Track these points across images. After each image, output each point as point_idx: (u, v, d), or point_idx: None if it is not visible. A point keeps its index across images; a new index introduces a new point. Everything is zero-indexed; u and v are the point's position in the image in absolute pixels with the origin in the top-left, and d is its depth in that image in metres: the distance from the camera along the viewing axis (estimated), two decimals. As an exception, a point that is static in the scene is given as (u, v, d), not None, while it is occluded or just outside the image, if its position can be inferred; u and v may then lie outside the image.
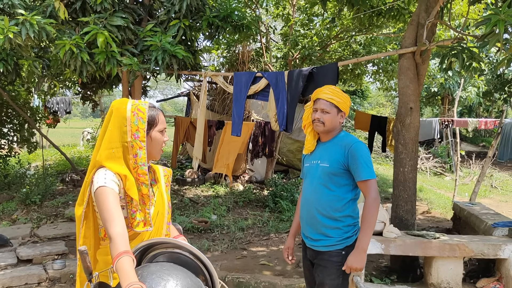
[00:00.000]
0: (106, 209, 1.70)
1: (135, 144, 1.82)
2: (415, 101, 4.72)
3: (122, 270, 1.51)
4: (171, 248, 1.75)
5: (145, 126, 1.83)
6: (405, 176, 4.78)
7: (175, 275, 1.56)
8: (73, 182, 8.75)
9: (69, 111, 13.47)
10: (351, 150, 2.53)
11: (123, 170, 1.81)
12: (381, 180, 11.46)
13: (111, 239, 1.63)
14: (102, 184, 1.74)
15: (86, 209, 1.85)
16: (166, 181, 2.08)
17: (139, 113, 1.83)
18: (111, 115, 1.85)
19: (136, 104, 1.85)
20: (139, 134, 1.82)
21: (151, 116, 1.88)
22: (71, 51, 4.62)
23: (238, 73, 5.48)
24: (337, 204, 2.58)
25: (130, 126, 1.81)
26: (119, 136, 1.81)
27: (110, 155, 1.81)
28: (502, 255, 4.19)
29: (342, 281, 2.58)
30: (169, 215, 2.05)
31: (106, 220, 1.68)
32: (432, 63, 12.71)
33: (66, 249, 5.30)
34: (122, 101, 1.87)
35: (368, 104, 26.07)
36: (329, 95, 2.58)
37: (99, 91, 8.16)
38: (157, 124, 1.91)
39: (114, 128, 1.82)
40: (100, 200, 1.72)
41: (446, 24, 5.00)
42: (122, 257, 1.54)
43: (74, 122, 33.94)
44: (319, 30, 8.76)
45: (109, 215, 1.68)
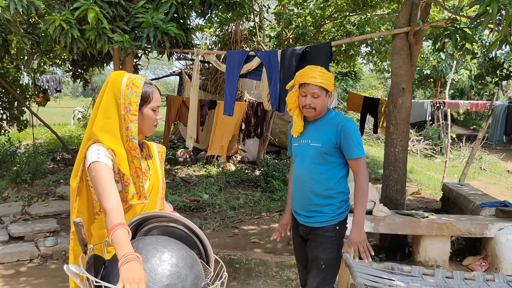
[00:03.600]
0: (100, 183, 1.70)
1: (127, 117, 1.81)
2: (408, 82, 4.73)
3: (118, 241, 1.52)
4: (166, 222, 1.76)
5: (137, 100, 1.82)
6: (395, 156, 4.83)
7: (170, 247, 1.57)
8: (64, 161, 8.71)
9: (60, 89, 13.33)
10: (344, 129, 2.54)
11: (115, 143, 1.80)
12: (372, 161, 11.54)
13: (106, 213, 1.64)
14: (95, 159, 1.74)
15: (79, 183, 1.85)
16: (160, 157, 2.09)
17: (133, 87, 1.82)
18: (107, 86, 1.84)
19: (132, 78, 1.84)
20: (131, 107, 1.81)
21: (145, 92, 1.86)
22: (61, 27, 4.52)
23: (231, 52, 5.43)
24: (330, 182, 2.61)
25: (123, 99, 1.80)
26: (114, 107, 1.81)
27: (106, 124, 1.80)
28: (488, 234, 4.28)
29: (336, 255, 2.64)
30: (163, 190, 2.06)
31: (100, 195, 1.69)
32: (425, 45, 12.70)
33: (58, 226, 5.32)
34: (119, 73, 1.86)
35: (361, 86, 26.04)
36: (317, 79, 2.54)
37: (90, 69, 8.06)
38: (150, 101, 1.89)
39: (109, 98, 1.82)
40: (93, 175, 1.73)
41: (440, 4, 4.98)
42: (117, 229, 1.55)
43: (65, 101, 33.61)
44: (313, 10, 8.68)
45: (103, 189, 1.69)
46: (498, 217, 4.62)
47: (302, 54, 4.88)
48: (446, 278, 2.81)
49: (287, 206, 2.97)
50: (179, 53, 7.07)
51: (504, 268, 4.21)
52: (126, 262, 1.43)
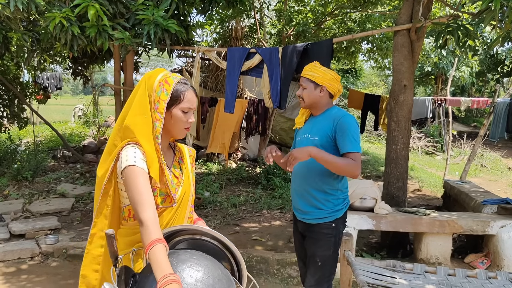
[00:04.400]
0: (136, 190, 1.59)
1: (154, 116, 1.72)
2: (409, 78, 4.71)
3: (156, 260, 1.42)
4: (196, 234, 1.67)
5: (166, 99, 1.71)
6: (397, 154, 4.81)
7: (205, 265, 1.50)
8: (65, 158, 8.71)
9: (60, 87, 13.31)
10: (340, 122, 2.53)
11: (149, 142, 1.70)
12: (373, 158, 11.53)
13: (142, 224, 1.53)
14: (132, 163, 1.63)
15: (106, 185, 1.72)
16: (191, 161, 1.98)
17: (165, 85, 1.72)
18: (142, 82, 1.76)
19: (166, 76, 1.75)
20: (159, 105, 1.71)
21: (176, 90, 1.74)
22: (61, 24, 4.51)
23: (231, 49, 5.42)
24: (328, 177, 2.60)
25: (154, 96, 1.71)
26: (148, 103, 1.72)
27: (143, 121, 1.70)
28: (490, 231, 4.27)
29: (332, 253, 2.63)
30: (193, 197, 1.97)
31: (137, 203, 1.58)
32: (427, 42, 12.67)
33: (59, 224, 5.31)
34: (157, 70, 1.78)
35: (362, 83, 26.00)
36: (306, 71, 2.65)
37: (91, 66, 8.04)
38: (181, 101, 1.75)
39: (144, 94, 1.73)
40: (129, 180, 1.61)
41: (441, 0, 4.95)
42: (155, 245, 1.45)
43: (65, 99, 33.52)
44: (314, 7, 8.65)
45: (140, 197, 1.58)
46: (500, 214, 4.61)
47: (303, 51, 4.87)
48: (448, 275, 2.80)
49: None
50: (180, 50, 7.04)
51: (506, 265, 4.20)
52: (165, 284, 1.34)
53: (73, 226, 5.43)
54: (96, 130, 11.49)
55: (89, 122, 14.44)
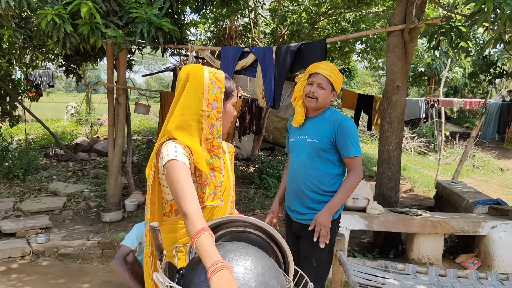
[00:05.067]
0: (178, 184, 1.58)
1: (212, 114, 1.71)
2: (402, 79, 4.73)
3: (204, 248, 1.38)
4: (239, 227, 1.63)
5: (222, 96, 1.73)
6: (389, 154, 4.83)
7: (253, 254, 1.45)
8: (57, 156, 8.64)
9: (52, 84, 13.19)
10: (341, 127, 2.55)
11: (191, 141, 1.69)
12: (366, 158, 11.57)
13: (186, 216, 1.51)
14: (173, 157, 1.62)
15: (152, 182, 1.73)
16: (230, 157, 1.98)
17: (217, 82, 1.72)
18: (188, 80, 1.71)
19: (213, 72, 1.74)
20: (217, 104, 1.71)
21: (228, 87, 1.78)
22: (53, 22, 4.47)
23: (225, 48, 5.40)
24: (325, 179, 2.60)
25: (208, 94, 1.70)
26: (194, 103, 1.70)
27: (182, 122, 1.69)
28: (481, 232, 4.30)
29: (327, 254, 2.63)
30: (233, 194, 1.96)
31: (179, 196, 1.56)
32: (420, 43, 12.72)
33: (50, 223, 5.28)
34: (198, 66, 1.74)
35: (355, 83, 26.07)
36: (328, 71, 2.59)
37: (83, 64, 7.98)
38: (232, 96, 1.81)
39: (190, 94, 1.70)
40: (171, 174, 1.61)
41: (435, 2, 4.98)
42: (201, 234, 1.42)
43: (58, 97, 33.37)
44: (308, 6, 8.65)
45: (182, 190, 1.57)
46: (491, 215, 4.64)
47: (297, 51, 4.87)
48: (439, 276, 2.81)
49: (277, 195, 2.96)
50: (173, 49, 7.02)
51: (497, 266, 4.23)
52: (216, 271, 1.28)
53: (65, 225, 5.40)
54: (89, 128, 11.42)
55: (81, 120, 14.35)
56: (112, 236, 4.92)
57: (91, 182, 7.08)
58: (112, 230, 5.18)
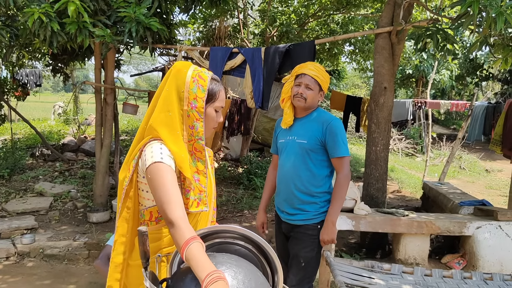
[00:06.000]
0: (163, 189, 1.47)
1: (192, 115, 1.60)
2: (389, 81, 4.76)
3: (195, 258, 1.30)
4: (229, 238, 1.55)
5: (204, 96, 1.61)
6: (377, 155, 4.86)
7: (245, 267, 1.40)
8: (44, 156, 8.54)
9: (39, 83, 13.06)
10: (329, 127, 2.56)
11: (176, 141, 1.58)
12: (354, 159, 11.63)
13: (173, 225, 1.41)
14: (158, 159, 1.50)
15: (128, 186, 1.61)
16: (211, 162, 1.87)
17: (200, 80, 1.61)
18: (169, 76, 1.63)
19: (198, 71, 1.63)
20: (197, 103, 1.60)
21: (212, 89, 1.65)
22: (40, 20, 4.42)
23: (214, 48, 5.39)
24: (314, 180, 2.62)
25: (188, 93, 1.59)
26: (176, 99, 1.60)
27: (167, 118, 1.58)
28: (466, 232, 4.35)
29: (316, 254, 2.65)
30: (215, 200, 1.87)
31: (164, 202, 1.45)
32: (408, 45, 12.84)
33: (36, 223, 5.22)
34: (184, 64, 1.65)
35: (344, 85, 26.19)
36: (314, 71, 2.60)
37: (71, 63, 7.91)
38: (215, 100, 1.67)
39: (172, 89, 1.60)
40: (155, 178, 1.49)
41: (422, 4, 5.03)
42: (191, 243, 1.34)
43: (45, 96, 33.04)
44: (297, 8, 8.69)
45: (168, 196, 1.45)
46: (476, 215, 4.70)
47: (285, 52, 4.88)
48: (425, 276, 2.84)
49: (261, 204, 2.99)
50: (162, 49, 6.99)
51: (481, 265, 4.28)
52: (212, 282, 1.21)
53: (51, 226, 5.34)
54: (76, 128, 11.32)
55: (69, 120, 14.22)
56: (99, 237, 4.88)
57: (78, 182, 7.02)
58: (99, 230, 5.14)
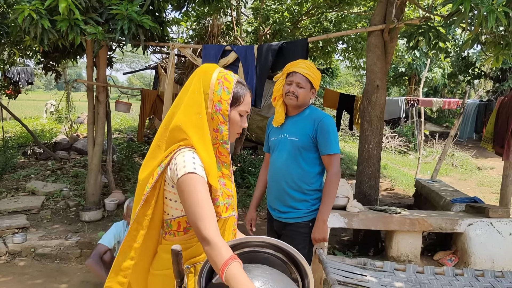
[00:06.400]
0: (197, 203, 1.41)
1: (216, 117, 1.55)
2: (382, 79, 4.77)
3: (237, 280, 1.26)
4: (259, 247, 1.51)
5: (229, 98, 1.56)
6: (369, 153, 4.87)
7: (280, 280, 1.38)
8: (35, 155, 8.48)
9: (31, 82, 12.93)
10: (321, 124, 2.56)
11: (206, 147, 1.52)
12: (347, 157, 11.66)
13: (208, 242, 1.36)
14: (192, 170, 1.44)
15: (149, 192, 1.53)
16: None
17: (225, 82, 1.56)
18: (195, 77, 1.59)
19: (224, 73, 1.59)
20: (221, 106, 1.55)
21: (237, 92, 1.59)
22: (30, 17, 4.38)
23: (206, 46, 5.37)
24: (306, 177, 2.62)
25: (212, 95, 1.54)
26: (204, 101, 1.54)
27: (197, 121, 1.52)
28: (458, 229, 4.37)
29: (307, 252, 2.65)
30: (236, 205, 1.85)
31: (198, 218, 1.39)
32: (401, 43, 12.87)
33: (27, 222, 5.18)
34: (210, 66, 1.61)
35: (338, 83, 26.23)
36: (305, 69, 2.60)
37: (63, 61, 7.85)
38: (240, 103, 1.61)
39: (198, 91, 1.55)
40: (188, 190, 1.43)
41: (414, 2, 5.04)
42: (231, 264, 1.29)
43: (38, 94, 32.78)
44: (290, 6, 8.67)
45: (202, 211, 1.40)
46: (468, 212, 4.72)
47: (278, 49, 4.87)
48: (417, 273, 2.85)
49: (252, 201, 3.01)
50: (155, 47, 6.96)
51: (473, 262, 4.31)
52: None
53: (43, 225, 5.30)
54: (69, 126, 11.25)
55: (61, 119, 14.12)
56: (91, 236, 4.86)
57: (70, 181, 6.97)
58: (92, 229, 5.11)
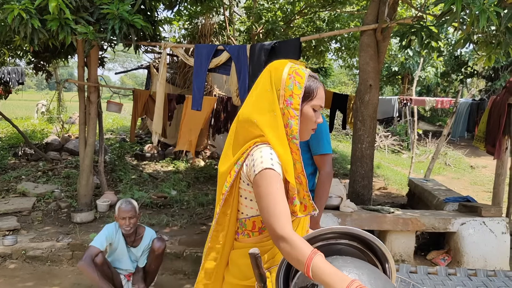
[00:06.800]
0: (273, 200, 1.36)
1: (287, 112, 1.50)
2: (375, 78, 4.77)
3: (326, 272, 1.19)
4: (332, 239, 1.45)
5: (301, 93, 1.50)
6: (362, 153, 4.87)
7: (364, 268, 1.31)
8: (26, 156, 8.40)
9: (22, 82, 12.79)
10: None
11: (283, 146, 1.48)
12: (341, 156, 11.67)
13: (284, 240, 1.29)
14: (269, 165, 1.40)
15: (228, 191, 1.51)
16: None
17: (297, 77, 1.51)
18: (265, 75, 1.56)
19: (295, 68, 1.54)
20: (292, 100, 1.50)
21: (309, 86, 1.54)
22: (20, 17, 4.33)
23: (199, 45, 5.34)
24: None
25: (284, 90, 1.50)
26: (276, 98, 1.50)
27: (271, 119, 1.48)
28: (451, 228, 4.37)
29: None
30: None
31: (272, 215, 1.34)
32: (394, 42, 12.91)
33: (18, 224, 5.12)
34: (281, 62, 1.57)
35: (331, 82, 26.28)
36: None
37: (53, 61, 7.78)
38: (313, 97, 1.55)
39: (271, 89, 1.52)
40: (265, 186, 1.38)
41: (407, 1, 5.04)
42: (314, 258, 1.22)
43: (29, 94, 32.56)
44: (283, 5, 8.66)
45: (278, 208, 1.35)
46: (460, 212, 4.73)
47: (271, 49, 4.85)
48: (410, 272, 2.84)
49: None
50: (147, 46, 6.91)
51: (466, 261, 4.31)
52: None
53: (34, 227, 5.24)
54: (60, 127, 11.16)
55: (53, 119, 14.01)
56: (83, 237, 4.81)
57: (62, 182, 6.91)
58: (83, 231, 5.06)
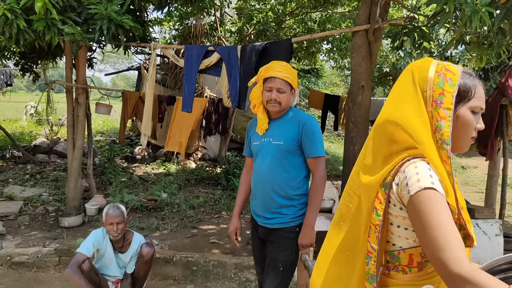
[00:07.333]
0: (439, 228, 1.09)
1: (436, 114, 1.23)
2: (367, 79, 4.72)
3: None
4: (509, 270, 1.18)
5: (454, 91, 1.23)
6: (355, 154, 4.81)
7: None
8: (14, 158, 8.25)
9: (10, 83, 12.64)
10: (305, 126, 2.50)
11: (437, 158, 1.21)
12: (333, 158, 11.65)
13: (466, 281, 1.01)
14: (429, 184, 1.14)
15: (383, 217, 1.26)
16: None
17: (447, 74, 1.26)
18: (405, 76, 1.33)
19: (444, 64, 1.30)
20: (444, 99, 1.23)
21: (464, 84, 1.27)
22: (5, 17, 4.23)
23: (189, 46, 5.26)
24: (292, 182, 2.54)
25: (432, 90, 1.25)
26: (422, 101, 1.26)
27: (422, 125, 1.22)
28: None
29: (294, 258, 2.58)
30: None
31: (443, 249, 1.06)
32: (385, 43, 12.92)
33: (4, 229, 5.01)
34: (425, 60, 1.33)
35: (323, 83, 26.30)
36: (283, 73, 2.50)
37: (41, 62, 7.66)
38: (471, 98, 1.27)
39: (414, 91, 1.27)
40: (425, 211, 1.12)
41: (399, 2, 5.01)
42: None
43: (19, 96, 32.26)
44: (274, 6, 8.62)
45: (449, 239, 1.07)
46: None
47: (262, 50, 4.80)
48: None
49: (235, 209, 2.90)
50: (136, 47, 6.82)
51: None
52: None
53: (20, 231, 5.13)
54: (49, 129, 11.01)
55: (41, 121, 13.82)
56: (70, 243, 4.70)
57: (50, 185, 6.79)
58: (71, 235, 4.96)
